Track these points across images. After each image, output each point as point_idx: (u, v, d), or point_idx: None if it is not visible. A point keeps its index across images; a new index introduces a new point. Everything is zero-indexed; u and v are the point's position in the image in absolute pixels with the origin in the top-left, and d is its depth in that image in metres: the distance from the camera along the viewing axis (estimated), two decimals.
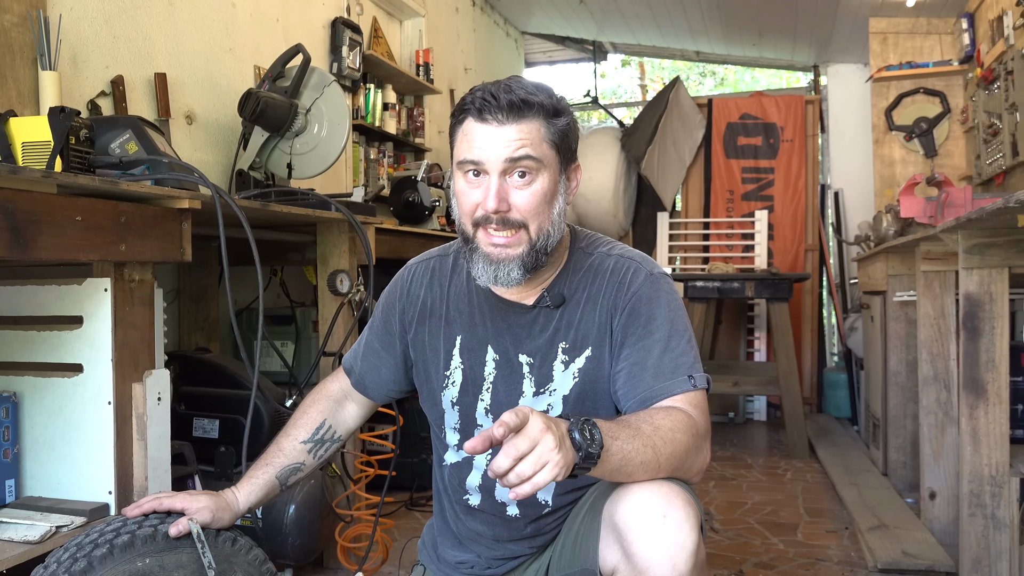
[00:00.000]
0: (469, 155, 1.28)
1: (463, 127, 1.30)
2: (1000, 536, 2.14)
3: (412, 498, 3.18)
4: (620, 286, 1.36)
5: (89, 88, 2.46)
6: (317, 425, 1.54)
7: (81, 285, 1.61)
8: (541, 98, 1.28)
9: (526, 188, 1.28)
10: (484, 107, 1.26)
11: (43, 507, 1.60)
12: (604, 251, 1.42)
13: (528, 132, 1.27)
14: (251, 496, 1.44)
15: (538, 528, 1.43)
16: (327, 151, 2.81)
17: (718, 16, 5.43)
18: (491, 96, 1.26)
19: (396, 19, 4.68)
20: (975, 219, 1.93)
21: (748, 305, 5.46)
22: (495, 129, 1.26)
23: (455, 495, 1.48)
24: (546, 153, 1.29)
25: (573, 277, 1.39)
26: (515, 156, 1.26)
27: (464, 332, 1.44)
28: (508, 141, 1.26)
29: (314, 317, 3.06)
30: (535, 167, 1.27)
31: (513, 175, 1.27)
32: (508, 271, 1.30)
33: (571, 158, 1.35)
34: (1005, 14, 3.66)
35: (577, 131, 1.38)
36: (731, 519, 3.08)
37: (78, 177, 1.47)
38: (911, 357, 3.24)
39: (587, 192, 5.41)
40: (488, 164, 1.27)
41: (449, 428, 1.46)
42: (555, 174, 1.31)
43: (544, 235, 1.31)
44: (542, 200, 1.29)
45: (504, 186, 1.27)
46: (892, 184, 4.72)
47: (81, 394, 1.62)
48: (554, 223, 1.32)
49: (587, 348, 1.36)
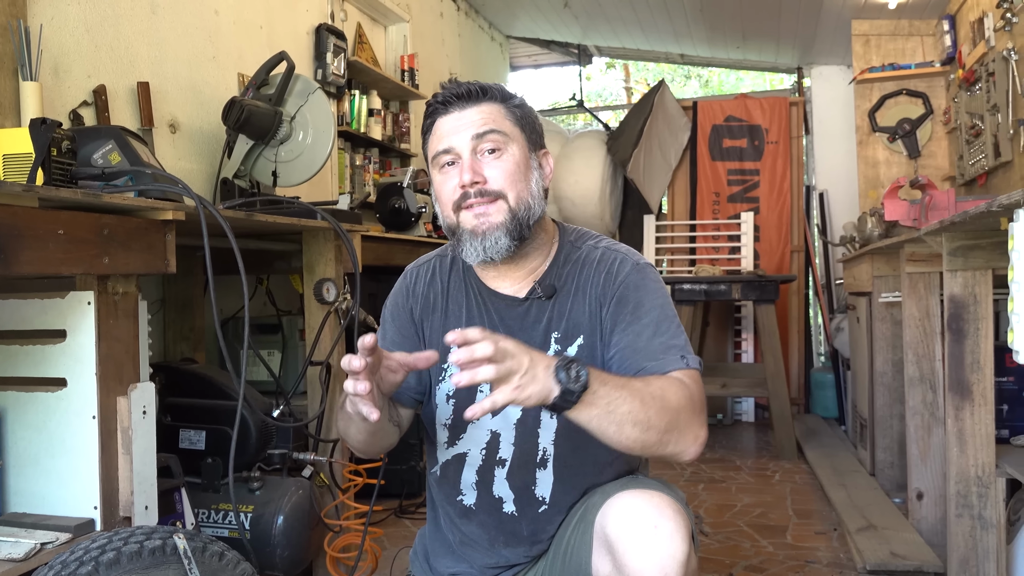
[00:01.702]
0: (440, 146, 1.37)
1: (432, 129, 1.39)
2: (987, 536, 2.16)
3: (401, 506, 3.17)
4: (608, 275, 1.39)
5: (71, 98, 2.44)
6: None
7: (64, 299, 1.59)
8: (495, 90, 1.39)
9: (496, 161, 1.35)
10: (445, 99, 1.37)
11: (27, 524, 1.58)
12: (592, 243, 1.45)
13: (489, 111, 1.36)
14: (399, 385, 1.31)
15: (535, 530, 1.42)
16: (312, 158, 2.80)
17: (702, 19, 5.45)
18: (449, 88, 1.37)
19: (381, 25, 4.67)
20: (959, 222, 1.94)
21: (735, 307, 5.48)
22: (458, 114, 1.36)
23: (449, 497, 1.47)
24: (511, 129, 1.37)
25: (563, 269, 1.42)
26: (481, 131, 1.34)
27: (462, 325, 1.43)
28: (472, 121, 1.35)
29: (301, 326, 3.04)
30: (502, 140, 1.35)
31: (484, 152, 1.34)
32: (495, 239, 1.33)
33: (537, 142, 1.43)
34: (986, 16, 3.69)
35: (539, 123, 1.45)
36: (720, 522, 3.08)
37: (60, 191, 1.46)
38: (897, 358, 3.26)
39: (574, 195, 5.42)
40: (458, 147, 1.34)
41: (440, 425, 1.46)
42: (524, 149, 1.38)
43: (524, 205, 1.36)
44: (515, 170, 1.35)
45: (476, 162, 1.34)
46: (876, 185, 4.74)
47: (65, 408, 1.60)
48: (533, 195, 1.38)
49: (579, 336, 1.38)
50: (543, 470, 1.40)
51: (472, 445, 1.43)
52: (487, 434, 1.41)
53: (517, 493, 1.41)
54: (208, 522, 2.22)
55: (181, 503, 2.05)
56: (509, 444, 1.41)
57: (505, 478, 1.41)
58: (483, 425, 1.41)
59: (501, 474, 1.41)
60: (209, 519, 2.22)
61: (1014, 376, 2.52)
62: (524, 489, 1.41)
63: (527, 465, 1.40)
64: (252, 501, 2.20)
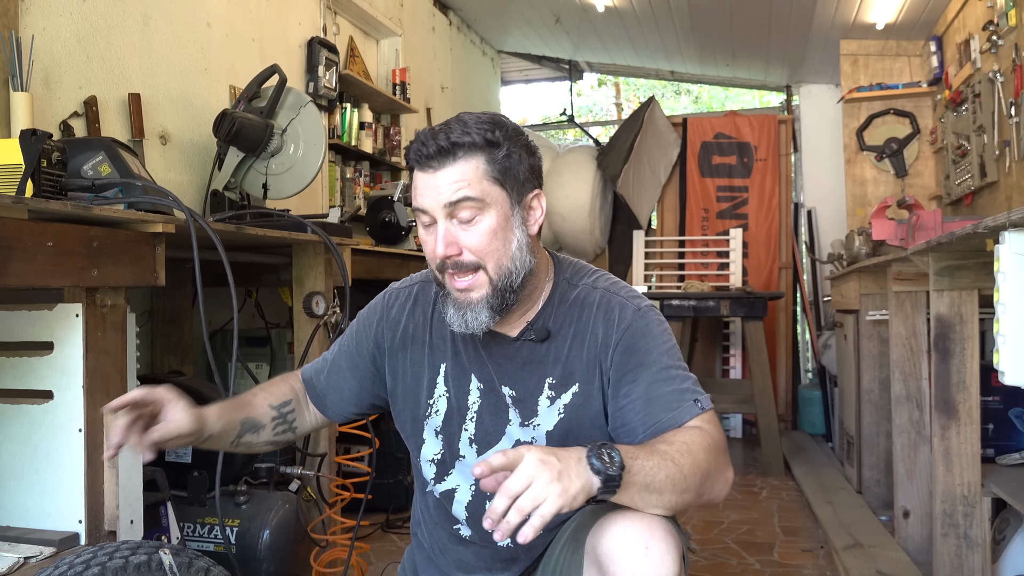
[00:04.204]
0: (416, 204, 1.30)
1: (412, 179, 1.31)
2: (973, 555, 2.17)
3: (388, 520, 3.16)
4: (608, 323, 1.34)
5: (62, 109, 2.44)
6: (285, 400, 1.49)
7: (52, 311, 1.59)
8: (474, 136, 1.26)
9: (472, 228, 1.27)
10: (418, 157, 1.27)
11: (11, 537, 1.57)
12: (590, 283, 1.39)
13: (463, 173, 1.25)
14: (216, 425, 1.34)
15: (531, 556, 1.40)
16: (303, 171, 2.81)
17: (692, 37, 5.49)
18: (422, 144, 1.26)
19: (372, 38, 4.69)
20: (945, 243, 1.96)
21: (724, 323, 5.50)
22: (431, 176, 1.26)
23: (441, 527, 1.45)
24: (488, 190, 1.26)
25: (559, 309, 1.37)
26: (453, 200, 1.25)
27: (448, 360, 1.42)
28: (445, 186, 1.25)
29: (289, 339, 3.04)
30: (477, 207, 1.26)
31: (457, 218, 1.27)
32: (476, 315, 1.29)
33: (524, 188, 1.32)
34: (972, 38, 3.74)
35: (529, 159, 1.32)
36: (708, 539, 3.08)
37: (50, 203, 1.45)
38: (884, 375, 3.28)
39: (563, 210, 5.43)
40: (432, 211, 1.27)
41: (425, 461, 1.44)
42: (504, 209, 1.28)
43: (504, 273, 1.29)
44: (492, 238, 1.27)
45: (451, 231, 1.27)
46: (864, 203, 4.78)
47: (51, 421, 1.59)
48: (514, 258, 1.30)
49: (574, 384, 1.34)
50: None
51: (461, 481, 1.40)
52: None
53: None
54: (194, 536, 2.20)
55: (167, 517, 2.04)
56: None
57: None
58: (470, 463, 1.38)
59: None
60: (195, 533, 2.20)
61: (1000, 396, 2.54)
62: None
63: None
64: (238, 515, 2.19)
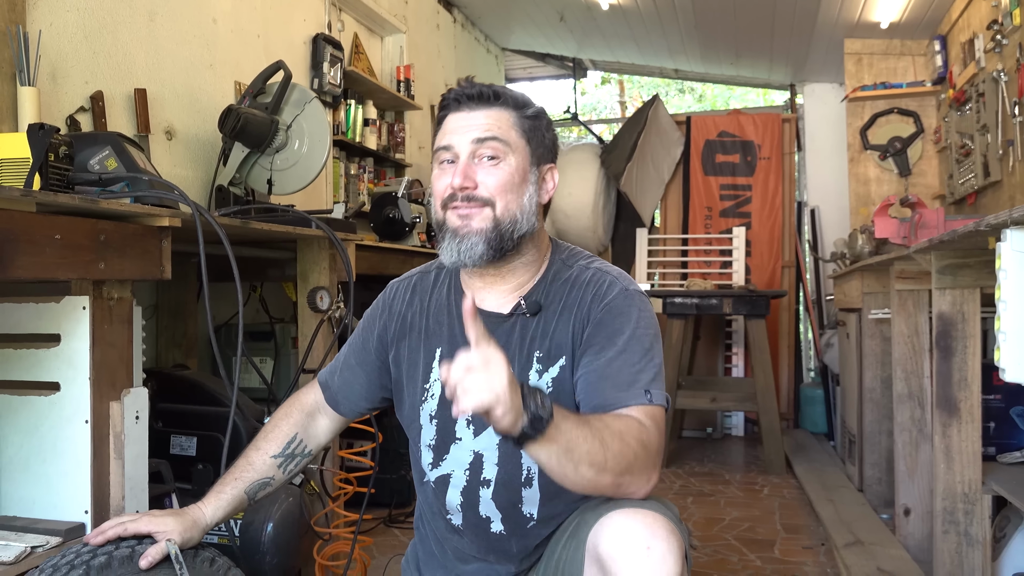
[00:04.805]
0: (442, 142, 1.37)
1: (441, 123, 1.39)
2: (973, 553, 2.17)
3: (391, 515, 3.17)
4: (595, 297, 1.36)
5: (68, 104, 2.45)
6: (289, 439, 1.54)
7: (59, 303, 1.60)
8: (514, 93, 1.37)
9: (494, 168, 1.34)
10: (459, 96, 1.36)
11: (18, 527, 1.58)
12: (583, 263, 1.42)
13: (497, 118, 1.35)
14: (218, 511, 1.43)
15: (525, 545, 1.41)
16: (307, 167, 2.81)
17: (696, 36, 5.49)
18: (464, 88, 1.37)
19: (377, 35, 4.70)
20: (947, 241, 1.96)
21: (726, 321, 5.50)
22: (467, 114, 1.35)
23: (437, 515, 1.46)
24: (515, 140, 1.35)
25: (551, 286, 1.40)
26: (482, 136, 1.33)
27: (444, 344, 1.44)
28: (477, 124, 1.34)
29: (293, 333, 3.05)
30: (503, 150, 1.33)
31: (482, 158, 1.33)
32: (472, 245, 1.32)
33: (545, 157, 1.40)
34: (976, 37, 3.74)
35: (554, 136, 1.43)
36: (709, 535, 3.09)
37: (57, 196, 1.46)
38: (886, 374, 3.28)
39: (567, 208, 5.44)
40: (458, 146, 1.34)
41: (424, 446, 1.45)
42: (524, 162, 1.36)
43: (511, 217, 1.33)
44: (509, 180, 1.34)
45: (471, 166, 1.34)
46: (867, 202, 4.78)
47: (58, 413, 1.60)
48: (523, 209, 1.35)
49: (560, 358, 1.36)
50: (528, 488, 1.38)
51: (456, 466, 1.41)
52: (470, 455, 1.39)
53: (504, 512, 1.39)
54: None
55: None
56: (492, 464, 1.38)
57: (491, 498, 1.39)
58: (466, 446, 1.40)
59: (486, 494, 1.39)
60: None
61: (1001, 394, 2.54)
62: (511, 508, 1.39)
63: (511, 484, 1.38)
64: None
